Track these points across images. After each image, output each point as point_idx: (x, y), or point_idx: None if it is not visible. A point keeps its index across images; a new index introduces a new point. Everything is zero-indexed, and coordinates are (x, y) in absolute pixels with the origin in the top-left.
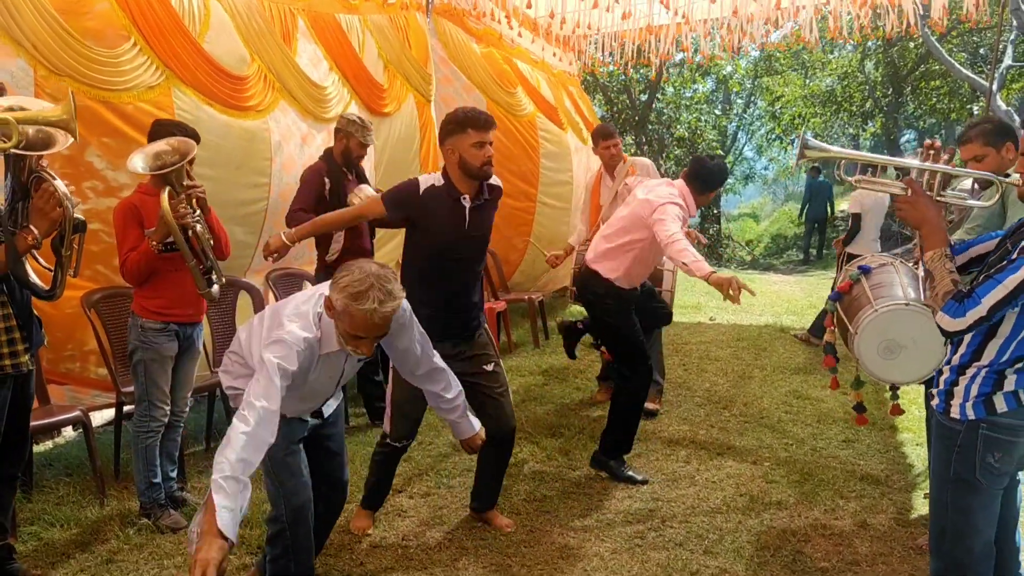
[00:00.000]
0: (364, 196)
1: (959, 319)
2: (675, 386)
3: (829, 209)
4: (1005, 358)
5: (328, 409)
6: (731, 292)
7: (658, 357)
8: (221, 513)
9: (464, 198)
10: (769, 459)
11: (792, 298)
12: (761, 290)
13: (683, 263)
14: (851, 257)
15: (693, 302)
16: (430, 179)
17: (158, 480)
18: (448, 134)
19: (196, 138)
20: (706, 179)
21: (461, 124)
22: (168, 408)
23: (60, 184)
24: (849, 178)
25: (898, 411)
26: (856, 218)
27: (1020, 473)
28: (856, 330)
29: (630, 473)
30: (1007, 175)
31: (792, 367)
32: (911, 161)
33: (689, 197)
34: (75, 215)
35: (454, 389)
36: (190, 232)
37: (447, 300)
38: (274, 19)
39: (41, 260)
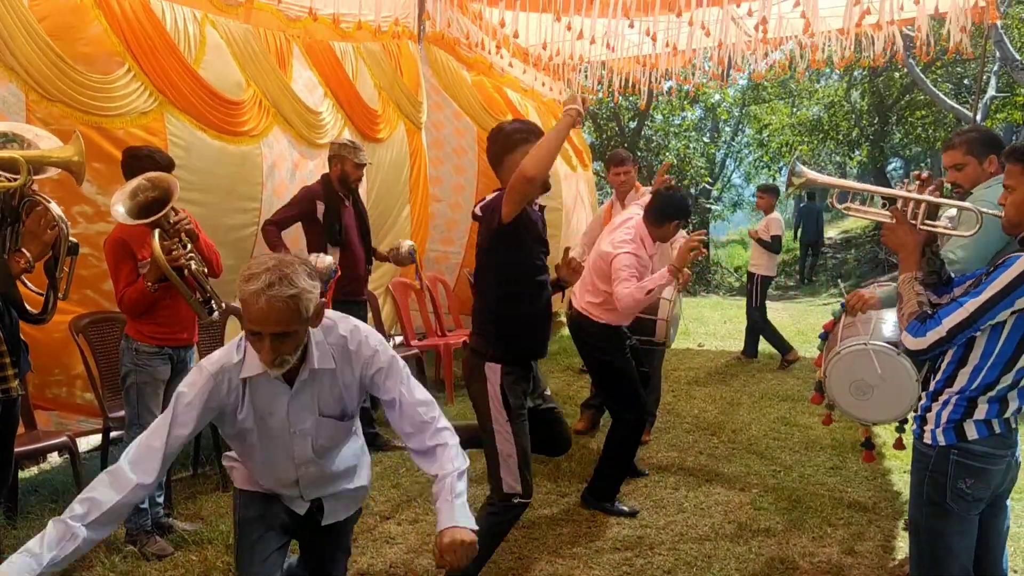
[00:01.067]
0: (322, 264)
1: (919, 338)
2: (664, 412)
3: (820, 232)
4: (975, 385)
5: (328, 517)
6: (692, 254)
7: (657, 387)
8: (13, 556)
9: (535, 204)
10: (757, 486)
11: (780, 325)
12: None
13: (648, 295)
14: (762, 279)
15: (682, 328)
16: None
17: (144, 506)
18: (521, 142)
19: (171, 165)
20: (659, 212)
21: (531, 134)
22: None
23: (54, 206)
24: (840, 206)
25: (900, 446)
26: (777, 240)
27: (1010, 500)
28: (825, 372)
29: (621, 507)
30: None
31: (780, 394)
32: (896, 191)
33: (647, 235)
34: (69, 237)
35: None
36: (185, 271)
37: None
38: (270, 45)
39: (30, 285)
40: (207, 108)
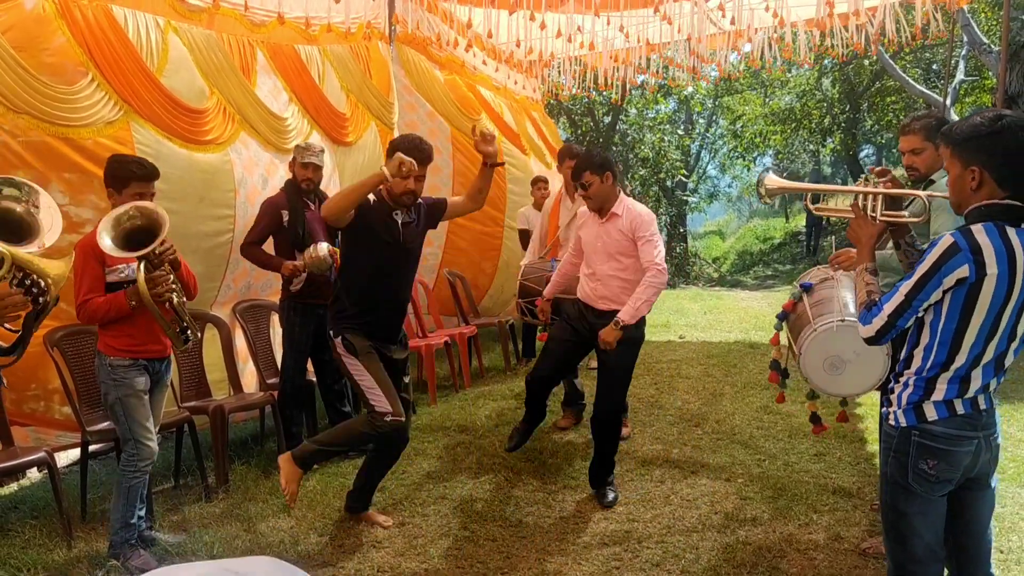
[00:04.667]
0: (313, 254)
1: (867, 326)
2: (647, 405)
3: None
4: (929, 364)
5: None
6: None
7: None
8: None
9: (396, 213)
10: (743, 475)
11: (760, 314)
12: (729, 307)
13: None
14: None
15: (662, 320)
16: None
17: (134, 520)
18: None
19: (156, 174)
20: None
21: (393, 149)
22: (155, 445)
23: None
24: (813, 207)
25: (843, 418)
26: (524, 233)
27: (994, 480)
28: (800, 350)
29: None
30: (924, 181)
31: (762, 383)
32: (852, 187)
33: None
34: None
35: None
36: (167, 304)
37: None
38: (233, 52)
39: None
40: (171, 117)
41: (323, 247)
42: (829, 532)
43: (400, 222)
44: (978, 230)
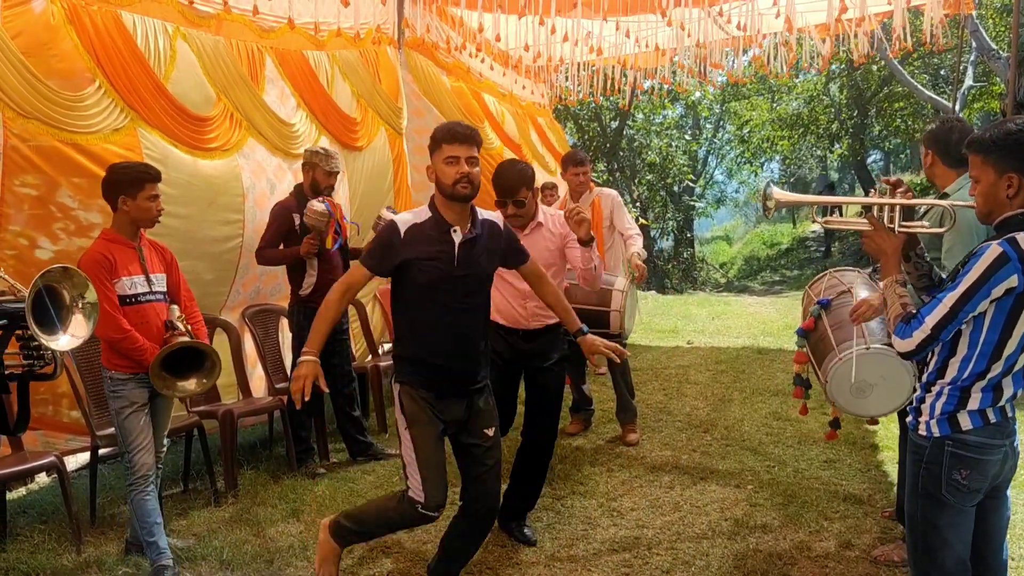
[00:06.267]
0: (311, 210)
1: (907, 340)
2: (656, 411)
3: (840, 214)
4: (966, 375)
5: None
6: None
7: (627, 381)
8: None
9: (454, 231)
10: (752, 482)
11: (768, 319)
12: (737, 312)
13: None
14: None
15: (670, 326)
16: (411, 217)
17: (154, 539)
18: (430, 152)
19: (157, 176)
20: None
21: (435, 140)
22: (150, 457)
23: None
24: (820, 220)
25: (835, 428)
26: None
27: (1010, 488)
28: (826, 378)
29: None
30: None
31: (771, 389)
32: (869, 199)
33: None
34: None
35: None
36: None
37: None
38: (241, 58)
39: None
40: (175, 124)
41: (317, 203)
42: (840, 539)
43: (457, 242)
44: (1023, 239)
